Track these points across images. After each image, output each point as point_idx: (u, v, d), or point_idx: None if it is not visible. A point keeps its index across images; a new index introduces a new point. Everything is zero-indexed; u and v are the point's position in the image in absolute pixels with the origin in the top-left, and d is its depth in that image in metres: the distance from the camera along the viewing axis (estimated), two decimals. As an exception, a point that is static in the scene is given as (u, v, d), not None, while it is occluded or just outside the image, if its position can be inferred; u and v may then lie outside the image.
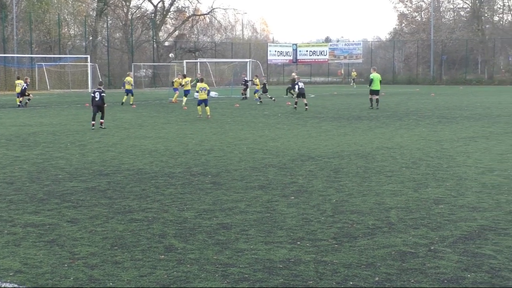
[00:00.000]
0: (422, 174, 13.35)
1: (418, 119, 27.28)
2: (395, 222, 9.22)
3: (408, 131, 22.18)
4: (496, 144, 18.37)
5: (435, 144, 18.39)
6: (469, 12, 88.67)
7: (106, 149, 17.92)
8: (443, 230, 8.74)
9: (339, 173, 13.48)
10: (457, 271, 7.04)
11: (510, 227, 8.89)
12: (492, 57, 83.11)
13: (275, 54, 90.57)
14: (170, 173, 13.71)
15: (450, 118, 27.40)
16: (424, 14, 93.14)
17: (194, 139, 20.15)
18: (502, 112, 30.60)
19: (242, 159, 15.75)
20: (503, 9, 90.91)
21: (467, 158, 15.64)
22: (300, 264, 7.32)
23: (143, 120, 27.79)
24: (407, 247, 7.94)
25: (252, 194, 11.32)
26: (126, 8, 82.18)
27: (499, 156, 15.85)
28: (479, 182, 12.38)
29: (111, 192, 11.62)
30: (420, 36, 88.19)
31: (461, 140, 19.48)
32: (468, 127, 23.63)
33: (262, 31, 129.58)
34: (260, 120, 27.35)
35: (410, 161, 15.22)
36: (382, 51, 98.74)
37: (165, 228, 8.96)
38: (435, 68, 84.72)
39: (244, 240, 8.34)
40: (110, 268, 7.22)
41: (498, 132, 21.81)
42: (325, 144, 18.58)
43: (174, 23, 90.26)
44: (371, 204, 10.44)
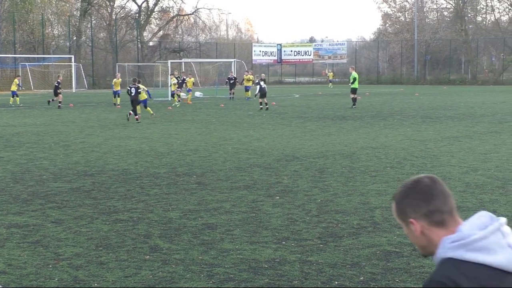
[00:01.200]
0: (406, 173, 13.41)
1: (403, 119, 27.38)
2: (380, 222, 9.25)
3: (393, 131, 22.26)
4: (479, 143, 18.48)
5: (419, 144, 18.48)
6: (452, 13, 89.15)
7: (91, 149, 17.86)
8: (428, 230, 8.77)
9: (324, 173, 13.51)
10: (442, 270, 7.07)
11: (493, 226, 8.94)
12: (475, 57, 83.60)
13: (259, 54, 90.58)
14: (155, 173, 13.68)
15: (434, 118, 27.53)
16: (408, 14, 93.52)
17: (179, 140, 20.12)
18: (485, 112, 30.78)
19: (227, 159, 15.74)
20: (486, 10, 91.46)
21: (451, 157, 15.72)
22: (285, 264, 7.33)
23: (128, 121, 27.68)
24: (392, 247, 7.98)
25: (237, 194, 11.32)
26: (110, 8, 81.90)
27: (482, 156, 15.95)
28: (463, 181, 12.46)
29: (95, 193, 11.58)
30: (404, 36, 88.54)
31: (445, 139, 19.58)
32: (452, 126, 23.75)
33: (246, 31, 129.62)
34: (245, 120, 27.35)
35: (395, 160, 15.28)
36: (366, 51, 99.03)
37: (150, 229, 8.95)
38: (419, 68, 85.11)
39: (229, 240, 8.34)
40: (95, 269, 7.20)
41: (482, 131, 21.95)
42: (310, 144, 18.61)
43: (158, 23, 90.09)
44: (356, 204, 10.48)
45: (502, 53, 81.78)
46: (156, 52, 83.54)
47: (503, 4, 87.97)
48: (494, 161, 15.04)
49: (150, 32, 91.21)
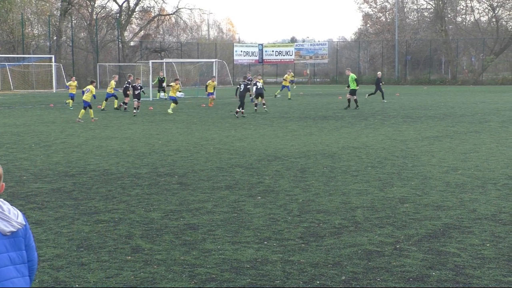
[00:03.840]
0: (387, 173, 13.47)
1: (384, 119, 27.50)
2: (361, 221, 9.29)
3: (374, 131, 22.35)
4: (459, 143, 18.60)
5: (400, 144, 18.57)
6: (432, 13, 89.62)
7: (72, 150, 17.76)
8: (408, 229, 8.83)
9: (305, 173, 13.53)
10: (422, 269, 7.12)
11: (473, 225, 9.02)
12: (455, 57, 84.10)
13: (241, 54, 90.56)
14: (137, 173, 13.64)
15: (415, 118, 27.67)
16: (388, 14, 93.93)
17: (160, 140, 20.07)
18: (465, 112, 30.99)
19: (208, 159, 15.73)
20: (466, 10, 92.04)
21: (431, 157, 15.81)
22: (267, 264, 7.34)
23: (109, 121, 27.60)
24: (373, 246, 8.01)
25: (219, 194, 11.31)
26: (90, 7, 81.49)
27: (462, 155, 16.06)
28: (443, 181, 12.53)
29: (76, 193, 11.52)
30: (384, 36, 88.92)
31: (425, 139, 19.69)
32: (433, 126, 23.89)
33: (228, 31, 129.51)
34: (226, 120, 27.34)
35: (376, 160, 15.34)
36: (348, 51, 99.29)
37: (131, 229, 8.92)
38: (400, 68, 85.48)
39: (211, 240, 8.33)
40: (76, 270, 7.17)
41: (462, 131, 22.09)
42: (291, 144, 18.64)
43: (139, 23, 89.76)
44: (337, 204, 10.51)
45: (481, 53, 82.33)
46: (137, 52, 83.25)
47: (483, 5, 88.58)
48: (474, 161, 15.15)
49: (131, 32, 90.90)
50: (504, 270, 7.09)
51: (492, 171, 13.66)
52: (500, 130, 22.20)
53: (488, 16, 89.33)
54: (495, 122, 25.27)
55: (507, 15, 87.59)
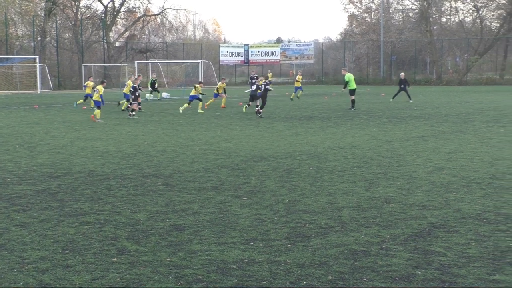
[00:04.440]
0: (373, 173, 13.50)
1: (369, 119, 27.58)
2: (347, 221, 9.30)
3: (359, 131, 22.41)
4: (445, 143, 18.68)
5: (385, 144, 18.62)
6: (417, 14, 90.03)
7: (56, 151, 17.68)
8: (394, 229, 8.85)
9: (291, 173, 13.54)
10: (408, 269, 7.14)
11: (459, 225, 9.06)
12: (440, 57, 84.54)
13: (227, 55, 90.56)
14: (122, 175, 13.59)
15: (400, 118, 27.77)
16: (374, 15, 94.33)
17: (146, 141, 20.02)
18: (450, 112, 31.13)
19: (194, 160, 15.70)
20: (450, 11, 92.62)
21: (417, 157, 15.87)
22: (254, 265, 7.33)
23: (94, 122, 27.48)
24: (359, 246, 8.02)
25: (205, 195, 11.30)
26: (75, 8, 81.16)
27: (447, 155, 16.13)
28: (429, 180, 12.58)
29: (61, 195, 11.46)
30: (370, 36, 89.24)
31: (411, 139, 19.76)
32: (418, 126, 23.98)
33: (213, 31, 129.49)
34: (212, 121, 27.31)
35: (362, 160, 15.37)
36: (333, 51, 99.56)
37: (117, 231, 8.88)
38: (385, 68, 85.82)
39: (198, 241, 8.32)
40: (61, 272, 7.12)
41: (447, 131, 22.19)
42: (277, 145, 18.65)
43: (125, 23, 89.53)
44: (323, 204, 10.52)
45: (466, 53, 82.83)
46: (123, 52, 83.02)
47: (467, 6, 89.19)
48: (459, 160, 15.21)
49: (116, 33, 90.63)
50: (489, 269, 7.12)
51: (477, 170, 13.73)
52: (485, 130, 22.31)
53: (472, 16, 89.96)
54: (479, 122, 25.40)
55: (491, 15, 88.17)
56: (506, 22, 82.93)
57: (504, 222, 9.19)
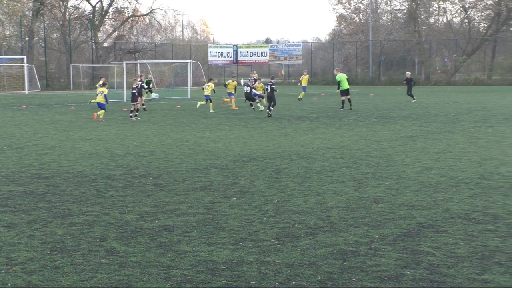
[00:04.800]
0: (362, 173, 13.53)
1: (358, 119, 27.63)
2: (336, 221, 9.31)
3: (348, 131, 22.44)
4: (433, 143, 18.74)
5: (374, 144, 18.66)
6: (405, 14, 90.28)
7: (45, 152, 17.61)
8: (383, 229, 8.87)
9: (280, 174, 13.54)
10: (397, 268, 7.16)
11: (447, 224, 9.08)
12: (429, 58, 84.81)
13: (215, 55, 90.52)
14: (111, 175, 13.55)
15: (389, 118, 27.84)
16: (362, 15, 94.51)
17: (134, 141, 19.97)
18: (439, 112, 31.24)
19: (183, 160, 15.68)
20: (439, 11, 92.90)
21: (405, 157, 15.91)
22: (243, 265, 7.32)
23: (83, 122, 27.41)
24: (348, 246, 8.03)
25: (194, 196, 11.28)
26: (63, 8, 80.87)
27: (436, 155, 16.18)
28: (417, 180, 12.61)
29: (50, 196, 11.41)
30: (358, 37, 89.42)
31: (399, 139, 19.80)
32: (406, 126, 24.05)
33: (202, 32, 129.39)
34: (201, 121, 27.28)
35: (350, 160, 15.40)
36: (322, 52, 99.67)
37: (106, 231, 8.85)
38: (374, 68, 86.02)
39: (187, 242, 8.30)
40: (50, 273, 7.09)
41: (435, 131, 22.26)
42: (266, 145, 18.65)
43: (113, 23, 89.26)
44: (312, 204, 10.52)
45: (454, 54, 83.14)
46: (111, 53, 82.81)
47: (455, 6, 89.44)
48: (447, 160, 15.26)
49: (104, 33, 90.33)
50: (478, 269, 7.14)
51: (465, 170, 13.78)
52: (473, 130, 22.40)
53: (460, 17, 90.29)
54: (467, 122, 25.50)
55: (479, 16, 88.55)
56: (494, 23, 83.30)
57: (492, 222, 9.23)
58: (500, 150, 16.92)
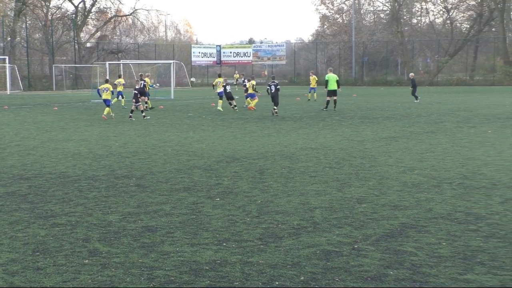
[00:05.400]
0: (345, 174, 13.56)
1: (341, 119, 27.70)
2: (319, 222, 9.33)
3: (331, 132, 22.50)
4: (416, 143, 18.83)
5: (357, 144, 18.71)
6: (388, 15, 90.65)
7: (27, 152, 17.50)
8: (366, 229, 8.90)
9: (264, 174, 13.55)
10: (380, 269, 7.18)
11: (430, 225, 9.13)
12: (411, 58, 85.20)
13: (199, 56, 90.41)
14: (94, 176, 13.50)
15: (372, 119, 27.93)
16: (345, 16, 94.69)
17: (117, 142, 19.90)
18: (421, 112, 31.38)
19: (166, 161, 15.64)
20: (421, 12, 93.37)
21: (388, 157, 15.97)
22: (226, 266, 7.32)
23: (65, 123, 27.28)
24: (332, 246, 8.05)
25: (177, 196, 11.26)
26: (45, 8, 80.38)
27: (419, 156, 16.25)
28: (400, 181, 12.67)
29: (32, 197, 11.35)
30: (342, 37, 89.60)
31: (382, 140, 19.88)
32: (389, 127, 24.14)
33: (185, 32, 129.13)
34: (184, 122, 27.23)
35: (334, 161, 15.44)
36: (305, 52, 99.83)
37: (89, 232, 8.82)
38: (357, 69, 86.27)
39: (170, 242, 8.29)
40: (32, 275, 7.05)
41: (418, 132, 22.36)
42: (250, 145, 18.65)
43: (96, 24, 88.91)
44: (295, 204, 10.54)
45: (436, 54, 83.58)
46: (94, 53, 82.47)
47: (437, 7, 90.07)
48: (430, 161, 15.34)
49: (87, 33, 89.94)
50: (460, 268, 7.19)
51: (448, 170, 13.86)
52: (455, 131, 22.53)
53: (442, 18, 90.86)
54: (450, 123, 25.65)
55: (461, 17, 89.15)
56: (476, 24, 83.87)
57: (474, 222, 9.29)
58: (482, 151, 17.03)
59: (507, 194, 11.27)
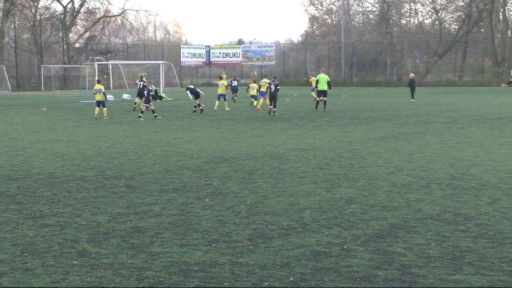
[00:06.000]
0: (334, 174, 13.58)
1: (330, 120, 27.73)
2: (308, 222, 9.33)
3: (321, 132, 22.52)
4: (405, 144, 18.87)
5: (347, 145, 18.74)
6: (377, 16, 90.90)
7: (15, 153, 17.43)
8: (356, 229, 8.91)
9: (253, 175, 13.55)
10: (369, 269, 7.20)
11: (419, 225, 9.15)
12: (400, 59, 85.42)
13: (188, 56, 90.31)
14: (83, 176, 13.46)
15: (361, 119, 27.98)
16: (334, 17, 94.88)
17: (107, 142, 19.85)
18: (410, 113, 31.47)
19: (156, 161, 15.61)
20: (410, 13, 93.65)
21: (377, 158, 16.00)
22: (216, 266, 7.31)
23: (54, 123, 27.18)
24: (321, 247, 8.06)
25: (167, 197, 11.24)
26: (34, 8, 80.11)
27: (408, 156, 16.29)
28: (389, 181, 12.69)
29: (21, 197, 11.30)
30: (331, 38, 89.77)
31: (371, 140, 19.92)
32: (379, 127, 24.19)
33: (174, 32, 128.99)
34: (174, 123, 27.20)
35: (323, 161, 15.45)
36: (294, 53, 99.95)
37: (77, 233, 8.79)
38: (346, 70, 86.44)
39: (159, 243, 8.27)
40: (20, 276, 7.02)
41: (407, 132, 22.42)
42: (239, 146, 18.64)
43: (84, 24, 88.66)
44: (285, 205, 10.54)
45: (425, 55, 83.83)
46: (83, 54, 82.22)
47: (426, 8, 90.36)
48: (419, 161, 15.38)
49: (76, 34, 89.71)
50: (449, 269, 7.21)
51: (437, 171, 13.90)
52: (444, 131, 22.61)
53: (431, 18, 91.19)
54: (439, 123, 25.73)
55: (450, 17, 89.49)
56: (464, 24, 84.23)
57: (463, 223, 9.32)
58: (471, 151, 17.10)
59: (495, 194, 11.32)
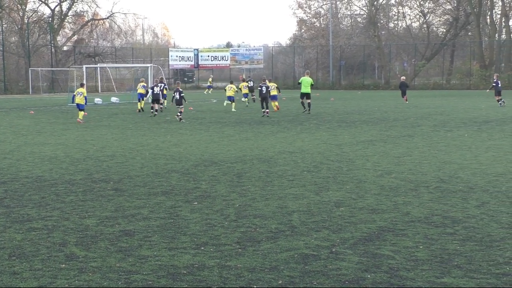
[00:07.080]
0: (323, 177, 13.59)
1: (319, 123, 27.77)
2: (297, 226, 9.34)
3: (309, 135, 22.55)
4: (393, 147, 18.93)
5: (335, 148, 18.77)
6: (365, 19, 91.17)
7: (3, 156, 17.35)
8: (344, 232, 8.92)
9: (242, 178, 13.55)
10: (358, 272, 7.21)
11: (407, 228, 9.18)
12: (388, 62, 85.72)
13: (176, 59, 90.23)
14: (71, 180, 13.41)
15: (349, 122, 28.04)
16: (322, 20, 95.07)
17: (95, 145, 19.79)
18: (398, 116, 31.56)
19: (144, 165, 15.58)
20: (398, 16, 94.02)
21: (366, 161, 16.04)
22: (204, 269, 7.31)
23: (42, 127, 27.08)
24: (309, 250, 8.06)
25: (155, 200, 11.22)
26: (22, 11, 79.81)
27: (396, 159, 16.34)
28: (378, 184, 12.72)
29: (8, 201, 11.25)
30: (319, 41, 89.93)
31: (360, 143, 19.96)
32: (367, 131, 24.24)
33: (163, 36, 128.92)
34: (162, 126, 27.16)
35: (312, 165, 15.47)
36: (283, 56, 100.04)
37: (65, 236, 8.76)
38: (334, 73, 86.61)
39: (148, 246, 8.25)
40: (8, 279, 6.99)
41: (395, 135, 22.48)
42: (227, 149, 18.64)
43: (72, 27, 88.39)
44: (273, 208, 10.54)
45: (413, 58, 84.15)
46: (71, 57, 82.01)
47: (414, 11, 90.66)
48: (407, 164, 15.42)
49: (64, 37, 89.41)
50: (437, 272, 7.23)
51: (425, 174, 13.94)
52: (432, 134, 22.69)
53: (419, 22, 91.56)
54: (427, 126, 25.82)
55: (438, 21, 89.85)
56: (452, 28, 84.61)
57: (451, 225, 9.35)
58: (459, 154, 17.17)
59: (483, 197, 11.36)
